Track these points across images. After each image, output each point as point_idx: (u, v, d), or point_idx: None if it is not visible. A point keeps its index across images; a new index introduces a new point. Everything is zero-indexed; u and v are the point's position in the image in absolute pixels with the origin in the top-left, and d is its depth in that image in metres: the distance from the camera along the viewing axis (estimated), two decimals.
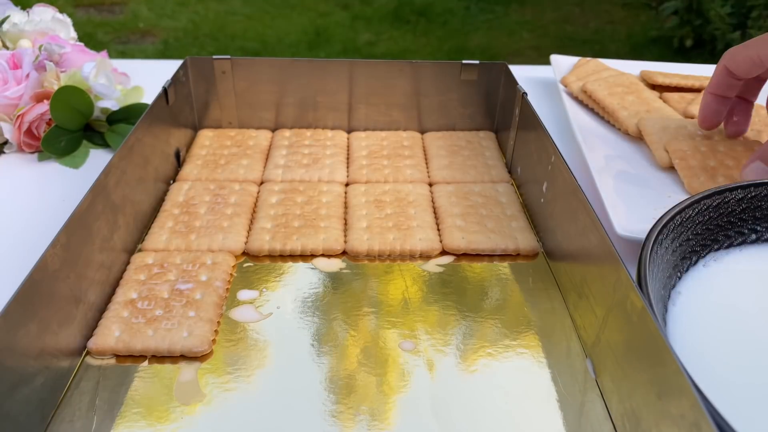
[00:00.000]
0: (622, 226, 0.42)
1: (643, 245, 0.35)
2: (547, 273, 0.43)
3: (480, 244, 0.44)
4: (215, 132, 0.58)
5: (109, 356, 0.35)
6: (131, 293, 0.39)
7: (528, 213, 0.48)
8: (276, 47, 2.31)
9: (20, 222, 0.47)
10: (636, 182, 0.49)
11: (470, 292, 0.41)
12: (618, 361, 0.32)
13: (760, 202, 0.41)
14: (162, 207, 0.47)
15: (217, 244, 0.44)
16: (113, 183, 0.40)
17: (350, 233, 0.45)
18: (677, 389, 0.25)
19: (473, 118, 0.60)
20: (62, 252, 0.33)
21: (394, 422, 0.32)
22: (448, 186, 0.51)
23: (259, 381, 0.34)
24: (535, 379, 0.35)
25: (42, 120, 0.55)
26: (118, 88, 0.60)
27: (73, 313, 0.35)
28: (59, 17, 0.65)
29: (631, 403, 0.30)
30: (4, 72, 0.55)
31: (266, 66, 0.57)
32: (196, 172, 0.52)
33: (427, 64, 0.57)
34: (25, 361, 0.30)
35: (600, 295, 0.34)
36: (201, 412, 0.32)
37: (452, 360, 0.36)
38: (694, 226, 0.39)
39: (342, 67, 0.56)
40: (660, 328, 0.27)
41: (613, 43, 2.42)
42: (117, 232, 0.41)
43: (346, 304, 0.40)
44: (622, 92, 0.59)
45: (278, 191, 0.50)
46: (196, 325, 0.36)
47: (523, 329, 0.38)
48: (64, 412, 0.32)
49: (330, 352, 0.36)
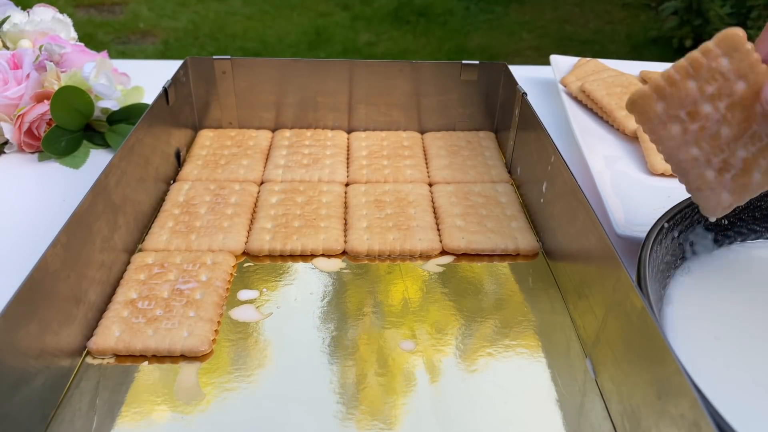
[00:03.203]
0: (622, 226, 0.43)
1: (643, 245, 0.35)
2: (547, 273, 0.43)
3: (480, 244, 0.44)
4: (215, 132, 0.58)
5: (110, 356, 0.35)
6: (131, 293, 0.39)
7: (528, 213, 0.48)
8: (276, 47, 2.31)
9: (21, 222, 0.47)
10: (636, 182, 0.49)
11: (470, 292, 0.41)
12: (618, 361, 0.32)
13: (760, 202, 0.41)
14: (162, 207, 0.47)
15: (217, 244, 0.44)
16: (113, 183, 0.40)
17: (350, 233, 0.45)
18: (677, 389, 0.26)
19: (473, 118, 0.60)
20: (62, 252, 0.33)
21: (395, 422, 0.32)
22: (448, 186, 0.51)
23: (259, 381, 0.34)
24: (535, 379, 0.35)
25: (42, 120, 0.55)
26: (118, 88, 0.60)
27: (74, 312, 0.35)
28: (59, 17, 0.65)
29: (630, 402, 0.30)
30: (5, 72, 0.55)
31: (266, 66, 0.57)
32: (197, 172, 0.52)
33: (427, 64, 0.57)
34: (25, 360, 0.30)
35: (600, 295, 0.34)
36: (201, 412, 0.32)
37: (452, 360, 0.36)
38: (694, 226, 0.39)
39: (342, 67, 0.57)
40: (660, 328, 0.27)
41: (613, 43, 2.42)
42: (117, 232, 0.41)
43: (346, 304, 0.40)
44: (621, 92, 0.59)
45: (278, 191, 0.50)
46: (196, 325, 0.36)
47: (523, 329, 0.38)
48: (65, 411, 0.32)
49: (330, 352, 0.36)
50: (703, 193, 0.30)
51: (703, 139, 0.29)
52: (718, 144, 0.29)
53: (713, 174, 0.29)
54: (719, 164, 0.29)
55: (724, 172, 0.29)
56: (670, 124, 0.30)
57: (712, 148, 0.29)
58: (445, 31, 2.51)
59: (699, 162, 0.30)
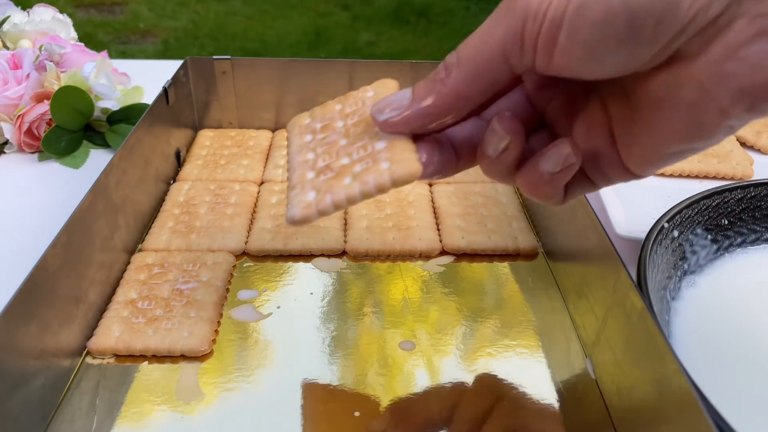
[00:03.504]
0: (622, 226, 0.42)
1: (643, 245, 0.35)
2: (547, 273, 0.43)
3: (480, 244, 0.44)
4: (215, 132, 0.58)
5: (110, 356, 0.35)
6: (131, 293, 0.39)
7: (528, 213, 0.48)
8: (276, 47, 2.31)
9: (20, 222, 0.47)
10: (636, 182, 0.49)
11: (470, 292, 0.41)
12: (618, 361, 0.32)
13: (760, 202, 0.41)
14: (162, 207, 0.47)
15: (217, 244, 0.44)
16: (113, 183, 0.40)
17: (350, 233, 0.45)
18: (677, 389, 0.25)
19: None
20: (62, 252, 0.33)
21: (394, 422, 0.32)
22: (448, 186, 0.51)
23: (259, 380, 0.34)
24: (535, 379, 0.35)
25: (42, 120, 0.55)
26: (118, 88, 0.60)
27: (74, 312, 0.35)
28: (59, 17, 0.65)
29: (631, 402, 0.30)
30: (5, 72, 0.55)
31: (266, 66, 0.57)
32: (197, 172, 0.52)
33: (427, 64, 0.57)
34: (25, 361, 0.30)
35: (600, 295, 0.34)
36: (201, 412, 0.32)
37: (452, 360, 0.36)
38: (694, 226, 0.39)
39: (342, 67, 0.56)
40: (660, 328, 0.27)
41: None
42: (117, 232, 0.41)
43: (346, 304, 0.40)
44: None
45: (278, 191, 0.50)
46: (196, 325, 0.36)
47: (523, 329, 0.38)
48: (65, 411, 0.32)
49: (330, 352, 0.36)
50: (294, 190, 0.31)
51: (320, 145, 0.32)
52: (330, 150, 0.31)
53: (313, 175, 0.31)
54: (322, 167, 0.31)
55: (322, 174, 0.30)
56: (306, 133, 0.33)
57: (323, 153, 0.31)
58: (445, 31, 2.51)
59: (307, 164, 0.31)
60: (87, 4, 2.62)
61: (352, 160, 0.30)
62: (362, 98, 0.33)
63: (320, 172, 0.31)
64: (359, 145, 0.31)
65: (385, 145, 0.29)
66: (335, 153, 0.31)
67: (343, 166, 0.30)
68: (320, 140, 0.32)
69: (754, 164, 0.51)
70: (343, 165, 0.30)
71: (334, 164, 0.31)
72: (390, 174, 0.28)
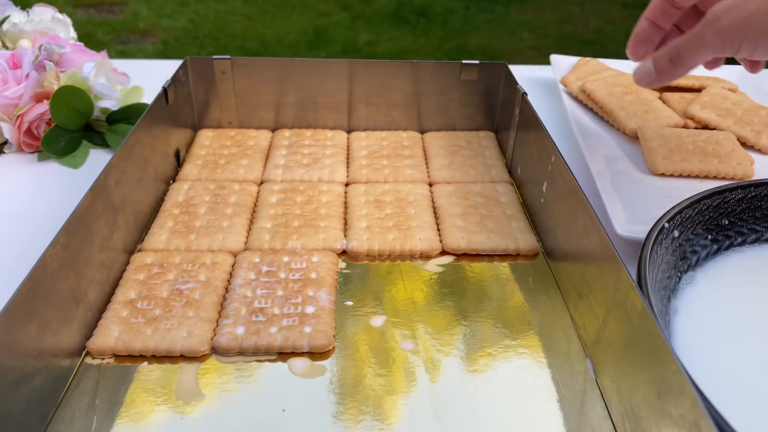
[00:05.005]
0: (622, 226, 0.42)
1: (643, 245, 0.35)
2: (547, 273, 0.43)
3: (480, 244, 0.44)
4: (215, 132, 0.58)
5: (109, 356, 0.35)
6: (131, 293, 0.39)
7: (528, 213, 0.48)
8: (276, 47, 2.31)
9: (20, 222, 0.47)
10: (636, 182, 0.49)
11: (470, 292, 0.41)
12: (618, 361, 0.32)
13: (760, 202, 0.41)
14: (162, 207, 0.47)
15: (217, 244, 0.44)
16: (113, 183, 0.40)
17: (350, 233, 0.45)
18: (677, 389, 0.25)
19: (473, 118, 0.60)
20: (62, 252, 0.33)
21: (395, 422, 0.32)
22: (448, 186, 0.51)
23: (259, 381, 0.34)
24: (535, 379, 0.35)
25: (42, 120, 0.55)
26: (118, 88, 0.60)
27: (73, 313, 0.35)
28: (59, 17, 0.65)
29: (631, 402, 0.30)
30: (4, 72, 0.55)
31: (266, 66, 0.57)
32: (196, 172, 0.52)
33: (427, 64, 0.57)
34: (24, 361, 0.30)
35: (600, 295, 0.34)
36: (201, 412, 0.32)
37: (453, 360, 0.36)
38: (694, 226, 0.39)
39: (342, 67, 0.56)
40: (660, 328, 0.27)
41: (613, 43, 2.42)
42: (117, 232, 0.41)
43: (346, 304, 0.40)
44: (621, 92, 0.59)
45: (278, 191, 0.50)
46: (195, 325, 0.36)
47: (523, 329, 0.38)
48: (64, 412, 0.32)
49: (330, 353, 0.36)
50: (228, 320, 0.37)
51: (260, 287, 0.39)
52: (267, 296, 0.38)
53: (246, 312, 0.37)
54: (256, 309, 0.37)
55: (254, 315, 0.37)
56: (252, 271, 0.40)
57: (261, 296, 0.38)
58: (445, 30, 2.51)
59: (245, 300, 0.38)
60: (86, 4, 2.62)
61: (282, 313, 0.37)
62: (308, 260, 0.41)
63: (253, 312, 0.37)
64: (293, 302, 0.38)
65: (313, 311, 0.37)
66: (271, 300, 0.38)
67: (274, 315, 0.37)
68: (262, 283, 0.39)
69: (755, 164, 0.51)
70: (274, 314, 0.37)
71: (267, 310, 0.37)
72: (309, 340, 0.35)
